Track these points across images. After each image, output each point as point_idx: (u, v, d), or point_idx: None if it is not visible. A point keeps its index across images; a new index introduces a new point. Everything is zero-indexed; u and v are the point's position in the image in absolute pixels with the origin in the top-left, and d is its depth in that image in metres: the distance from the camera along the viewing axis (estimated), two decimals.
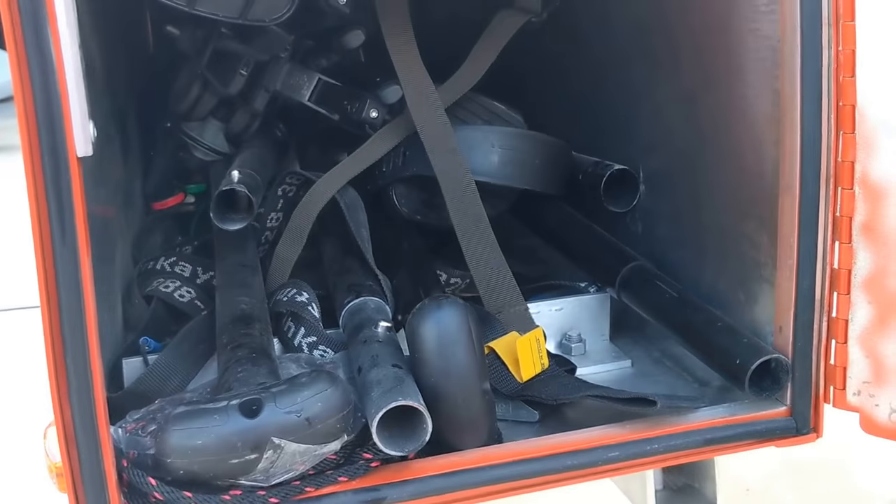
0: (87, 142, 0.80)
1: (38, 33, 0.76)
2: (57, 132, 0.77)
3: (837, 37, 0.92)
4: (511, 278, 1.16)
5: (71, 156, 0.78)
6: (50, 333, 0.81)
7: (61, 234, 0.79)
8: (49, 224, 0.79)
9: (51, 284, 0.80)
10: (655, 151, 1.27)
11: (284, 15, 1.26)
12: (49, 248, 0.79)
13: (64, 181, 0.78)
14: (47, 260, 0.80)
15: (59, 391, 0.83)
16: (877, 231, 0.94)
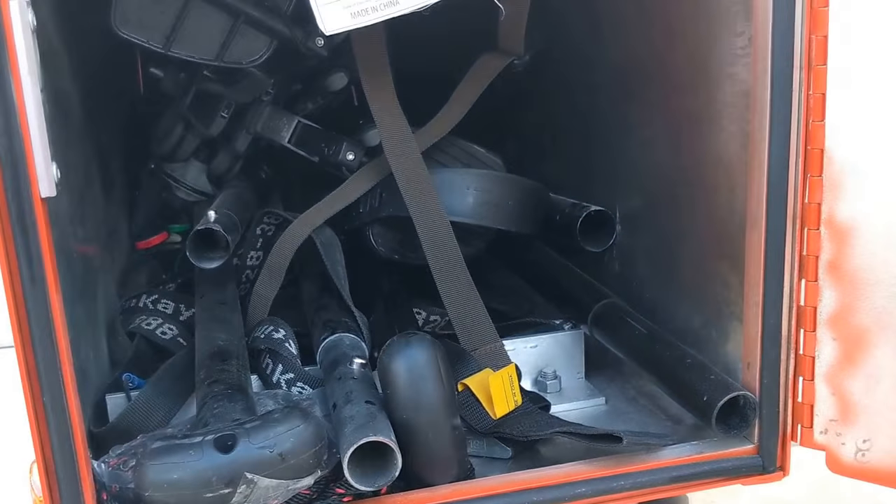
0: (50, 183, 0.82)
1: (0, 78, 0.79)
2: (20, 174, 0.80)
3: (809, 81, 0.95)
4: (486, 316, 1.18)
5: (35, 197, 0.81)
6: (26, 373, 0.83)
7: (30, 275, 0.82)
8: (17, 264, 0.82)
9: (23, 324, 0.82)
10: (632, 191, 1.30)
11: (261, 58, 1.30)
12: (19, 288, 0.82)
13: (29, 221, 0.81)
14: (18, 300, 0.82)
15: (39, 428, 0.86)
16: (842, 270, 0.96)
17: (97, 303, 1.21)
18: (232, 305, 1.27)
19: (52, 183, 0.83)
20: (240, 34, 1.28)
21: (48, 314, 0.84)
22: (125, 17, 1.24)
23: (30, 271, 0.82)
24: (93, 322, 1.16)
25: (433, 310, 1.35)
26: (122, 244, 1.58)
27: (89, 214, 1.23)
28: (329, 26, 1.04)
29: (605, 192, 1.35)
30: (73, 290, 1.02)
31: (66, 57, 1.17)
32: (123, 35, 1.25)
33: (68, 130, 1.14)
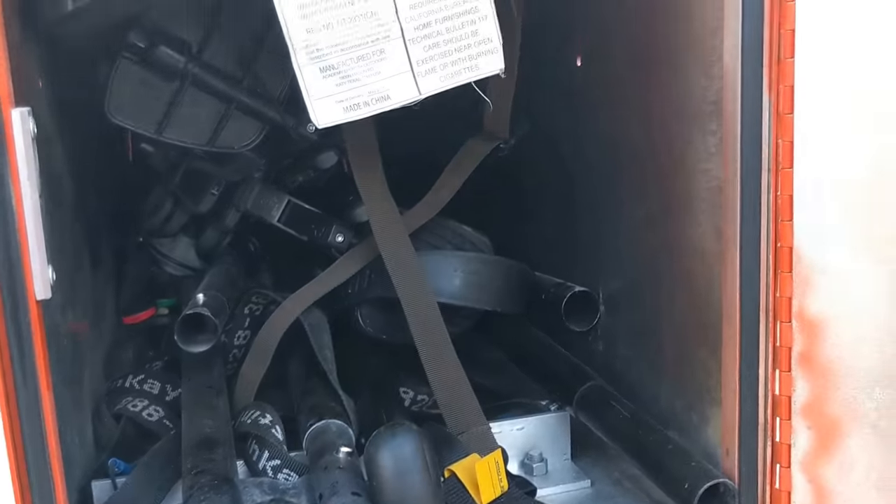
0: (45, 286, 0.87)
1: (1, 186, 0.84)
2: (16, 277, 0.85)
3: (777, 182, 0.99)
4: (473, 399, 1.22)
5: (30, 299, 0.85)
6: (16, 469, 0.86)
7: (22, 373, 0.86)
8: (10, 362, 0.86)
9: (14, 421, 0.86)
10: (615, 274, 1.34)
11: (253, 143, 1.35)
12: (11, 385, 0.86)
13: (23, 322, 0.85)
14: (10, 397, 0.86)
15: None
16: (814, 361, 1.00)
17: (83, 385, 1.24)
18: (218, 388, 1.30)
19: (48, 286, 0.87)
20: (232, 120, 1.33)
21: (39, 411, 0.88)
22: (119, 104, 1.29)
23: (22, 369, 0.86)
24: (79, 406, 1.19)
25: (420, 389, 1.39)
26: (108, 319, 1.61)
27: (79, 296, 1.26)
28: (322, 120, 1.10)
29: (589, 273, 1.40)
30: (60, 375, 1.05)
31: (59, 142, 1.21)
32: (117, 121, 1.30)
33: (61, 215, 1.18)
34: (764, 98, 0.98)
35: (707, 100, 1.06)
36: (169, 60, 1.28)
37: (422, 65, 1.11)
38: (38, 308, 0.86)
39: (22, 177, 0.83)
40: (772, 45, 0.98)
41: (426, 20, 1.10)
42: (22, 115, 0.83)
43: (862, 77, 0.96)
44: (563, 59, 1.44)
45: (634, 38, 1.23)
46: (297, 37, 1.07)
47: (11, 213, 0.83)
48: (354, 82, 1.10)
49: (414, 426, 1.02)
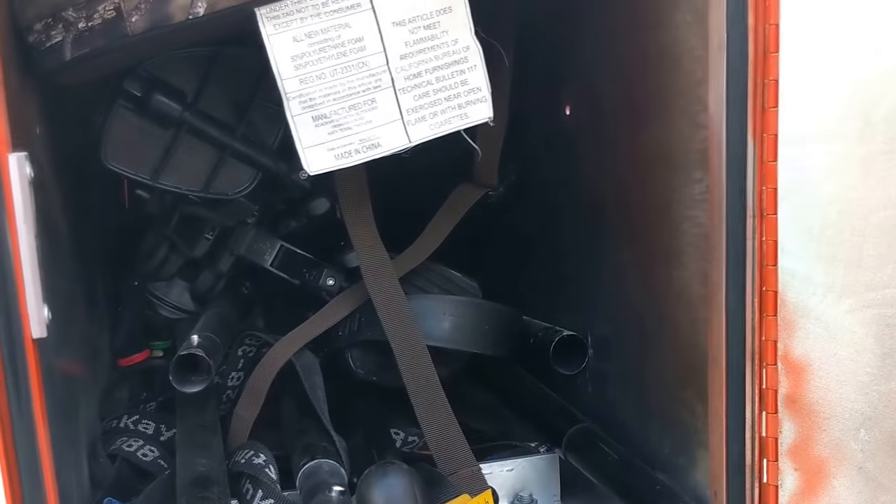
0: (41, 325, 0.87)
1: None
2: (13, 316, 0.85)
3: (761, 228, 1.01)
4: (463, 440, 1.22)
5: (27, 338, 0.86)
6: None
7: (19, 412, 0.86)
8: (7, 401, 0.86)
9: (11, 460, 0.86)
10: (603, 318, 1.35)
11: (246, 189, 1.36)
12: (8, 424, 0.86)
13: (20, 361, 0.86)
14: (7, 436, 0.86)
15: None
16: (799, 403, 1.01)
17: (79, 425, 1.24)
18: (212, 428, 1.30)
19: (44, 325, 0.88)
20: (226, 167, 1.35)
21: (36, 450, 0.88)
22: (115, 150, 1.31)
23: (18, 408, 0.87)
24: (74, 445, 1.19)
25: (411, 430, 1.39)
26: (103, 361, 1.61)
27: (74, 337, 1.26)
28: (313, 167, 1.11)
29: (577, 317, 1.41)
30: (56, 414, 1.05)
31: (56, 187, 1.22)
32: (113, 167, 1.31)
33: (57, 260, 1.18)
34: (748, 146, 1.00)
35: (692, 148, 1.08)
36: (164, 108, 1.30)
37: (412, 113, 1.13)
38: (35, 347, 0.86)
39: (18, 219, 0.84)
40: (756, 95, 1.00)
41: (416, 70, 1.12)
42: (19, 159, 0.84)
43: (844, 127, 0.98)
44: (552, 108, 1.45)
45: (622, 88, 1.25)
46: (291, 87, 1.09)
47: (8, 254, 0.84)
48: (346, 130, 1.11)
49: (405, 465, 1.02)
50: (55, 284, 1.12)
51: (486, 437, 1.40)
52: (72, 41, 1.07)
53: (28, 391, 0.86)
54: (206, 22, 1.05)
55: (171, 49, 1.28)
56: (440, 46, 1.12)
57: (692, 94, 1.07)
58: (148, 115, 1.30)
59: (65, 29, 1.07)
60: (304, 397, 1.33)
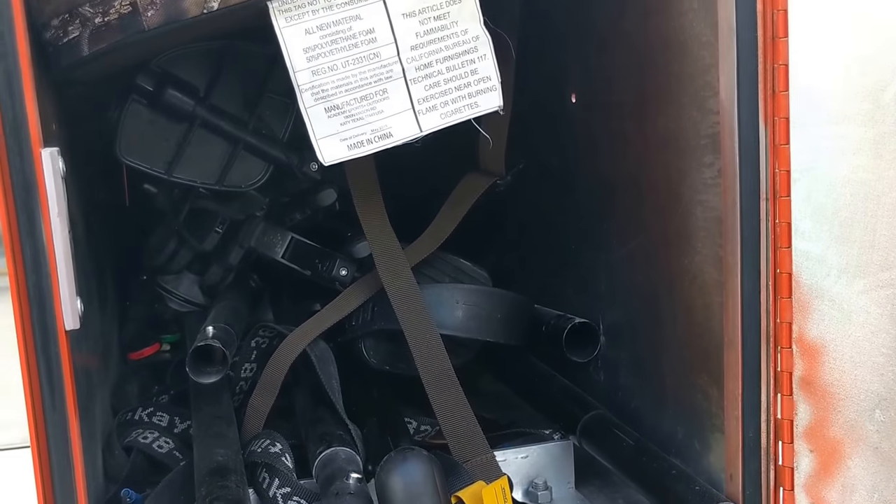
0: (74, 316, 0.88)
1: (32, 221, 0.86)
2: (47, 308, 0.86)
3: (775, 210, 1.02)
4: (477, 427, 1.22)
5: (60, 329, 0.86)
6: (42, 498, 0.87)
7: (52, 403, 0.86)
8: (40, 391, 0.86)
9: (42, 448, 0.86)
10: (615, 305, 1.35)
11: (259, 181, 1.37)
12: (41, 414, 0.86)
13: (53, 352, 0.87)
14: (39, 426, 0.86)
15: None
16: (814, 385, 1.02)
17: (95, 418, 1.24)
18: (228, 419, 1.30)
19: (77, 316, 0.88)
20: (239, 160, 1.35)
21: (67, 439, 0.88)
22: (129, 145, 1.31)
23: (52, 400, 0.87)
24: (91, 437, 1.19)
25: (424, 420, 1.39)
26: (114, 355, 1.62)
27: (90, 330, 1.26)
28: (327, 157, 1.11)
29: (589, 304, 1.41)
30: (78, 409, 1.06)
31: (73, 183, 1.22)
32: (127, 162, 1.31)
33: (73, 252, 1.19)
34: (760, 130, 1.00)
35: (702, 133, 1.08)
36: (177, 103, 1.30)
37: (423, 103, 1.13)
38: (67, 338, 0.87)
39: (52, 213, 0.85)
40: (766, 79, 1.00)
41: (427, 60, 1.12)
42: (52, 154, 0.85)
43: (854, 108, 0.98)
44: (558, 96, 1.45)
45: (630, 75, 1.25)
46: (303, 78, 1.09)
47: (42, 248, 0.85)
48: (358, 121, 1.12)
49: (424, 451, 1.02)
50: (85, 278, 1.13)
51: (499, 425, 1.40)
52: (89, 36, 1.07)
53: (61, 382, 0.86)
54: (220, 16, 1.06)
55: (185, 43, 1.28)
56: (450, 37, 1.13)
57: (701, 80, 1.07)
58: (161, 109, 1.30)
59: (81, 24, 1.07)
60: (318, 387, 1.33)
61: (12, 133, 0.83)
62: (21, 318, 0.85)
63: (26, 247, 0.84)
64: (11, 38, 0.83)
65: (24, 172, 0.83)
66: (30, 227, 0.84)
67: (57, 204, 0.85)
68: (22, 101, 0.83)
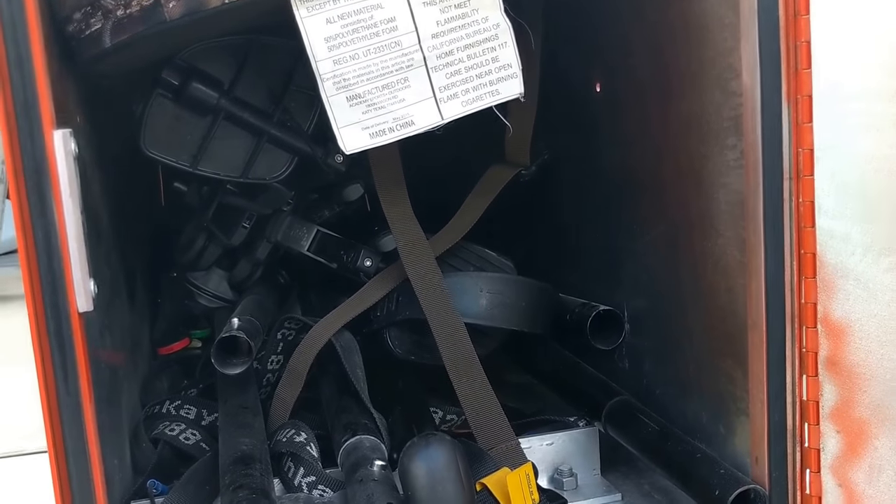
0: (87, 298, 0.87)
1: (43, 201, 0.85)
2: (59, 290, 0.85)
3: (798, 190, 1.00)
4: (502, 415, 1.21)
5: (73, 311, 0.86)
6: (58, 481, 0.86)
7: (66, 387, 0.86)
8: (54, 376, 0.86)
9: (57, 435, 0.86)
10: (639, 292, 1.34)
11: (283, 174, 1.36)
12: (54, 399, 0.86)
13: (66, 335, 0.86)
14: (53, 411, 0.86)
15: None
16: (840, 365, 0.99)
17: (121, 410, 1.24)
18: (254, 409, 1.29)
19: (90, 298, 0.87)
20: (263, 152, 1.34)
21: (82, 425, 0.88)
22: (154, 138, 1.31)
23: (65, 383, 0.87)
24: (117, 429, 1.19)
25: (449, 409, 1.38)
26: (144, 350, 1.62)
27: (116, 324, 1.27)
28: (349, 146, 1.11)
29: (613, 292, 1.39)
30: (99, 398, 1.05)
31: (97, 176, 1.22)
32: (152, 155, 1.31)
33: (98, 245, 1.19)
34: (783, 109, 0.98)
35: (724, 115, 1.06)
36: (202, 96, 1.30)
37: (444, 91, 1.12)
38: (81, 320, 0.86)
39: (64, 194, 0.84)
40: (788, 58, 0.98)
41: (448, 48, 1.11)
42: (64, 135, 0.84)
43: (878, 84, 0.96)
44: (584, 85, 1.44)
45: (651, 61, 1.24)
46: (325, 68, 1.09)
47: (54, 228, 0.84)
48: (380, 110, 1.11)
49: (447, 437, 1.01)
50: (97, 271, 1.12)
51: (525, 414, 1.39)
52: (111, 28, 1.07)
53: (74, 365, 0.86)
54: (241, 7, 1.05)
55: (208, 36, 1.28)
56: (471, 24, 1.12)
57: (724, 62, 1.05)
58: (186, 103, 1.30)
59: (103, 16, 1.07)
60: (343, 377, 1.32)
61: (24, 114, 0.82)
62: (33, 300, 0.84)
63: (38, 228, 0.84)
64: (22, 20, 0.82)
65: (35, 153, 0.83)
66: (41, 208, 0.84)
67: (69, 185, 0.84)
68: (33, 81, 0.82)
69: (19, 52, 0.82)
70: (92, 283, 0.89)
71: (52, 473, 0.87)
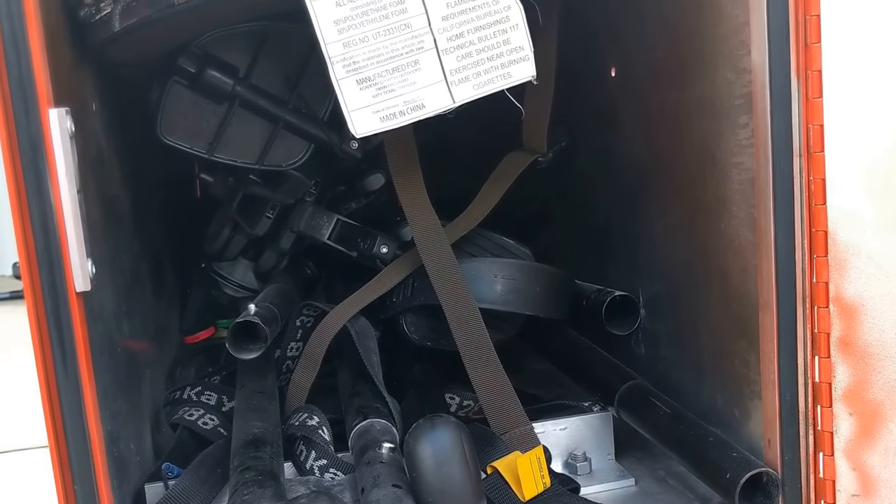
0: (85, 278, 0.85)
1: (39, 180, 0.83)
2: (56, 269, 0.84)
3: (808, 167, 0.95)
4: (515, 399, 1.17)
5: (70, 291, 0.84)
6: (58, 462, 0.85)
7: (63, 368, 0.84)
8: (52, 357, 0.84)
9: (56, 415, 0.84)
10: (654, 277, 1.30)
11: (299, 161, 1.34)
12: (53, 380, 0.84)
13: (63, 315, 0.84)
14: (52, 392, 0.84)
15: None
16: (853, 346, 0.95)
17: (142, 395, 1.23)
18: (270, 394, 1.28)
19: (88, 278, 0.86)
20: (279, 139, 1.32)
21: (81, 405, 0.86)
22: (171, 125, 1.29)
23: (63, 362, 0.85)
24: (136, 414, 1.18)
25: (466, 395, 1.35)
26: (171, 339, 1.61)
27: (136, 310, 1.26)
28: (359, 129, 1.08)
29: (628, 277, 1.36)
30: (115, 383, 1.04)
31: (115, 165, 1.21)
32: (168, 142, 1.29)
33: (116, 232, 1.18)
34: (793, 85, 0.94)
35: (736, 94, 1.02)
36: (218, 83, 1.28)
37: (455, 74, 1.09)
38: (79, 300, 0.84)
39: (60, 173, 0.82)
40: (798, 32, 0.94)
41: (459, 31, 1.08)
42: (59, 114, 0.82)
43: (890, 57, 0.91)
44: (599, 70, 1.41)
45: (665, 44, 1.20)
46: (335, 51, 1.07)
47: (50, 208, 0.83)
48: (390, 93, 1.08)
49: (453, 419, 0.98)
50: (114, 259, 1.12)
51: (540, 399, 1.36)
52: (120, 12, 1.06)
53: (72, 344, 0.84)
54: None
55: (220, 24, 1.26)
56: (481, 7, 1.09)
57: (735, 39, 1.01)
58: (202, 90, 1.28)
59: (113, 1, 1.06)
60: (358, 363, 1.30)
61: (19, 91, 0.80)
62: (30, 280, 0.82)
63: (34, 207, 0.82)
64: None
65: (30, 131, 0.81)
66: (37, 187, 0.82)
67: (64, 164, 0.82)
68: (28, 58, 0.80)
69: (13, 28, 0.80)
70: (90, 263, 0.87)
71: (52, 455, 0.86)
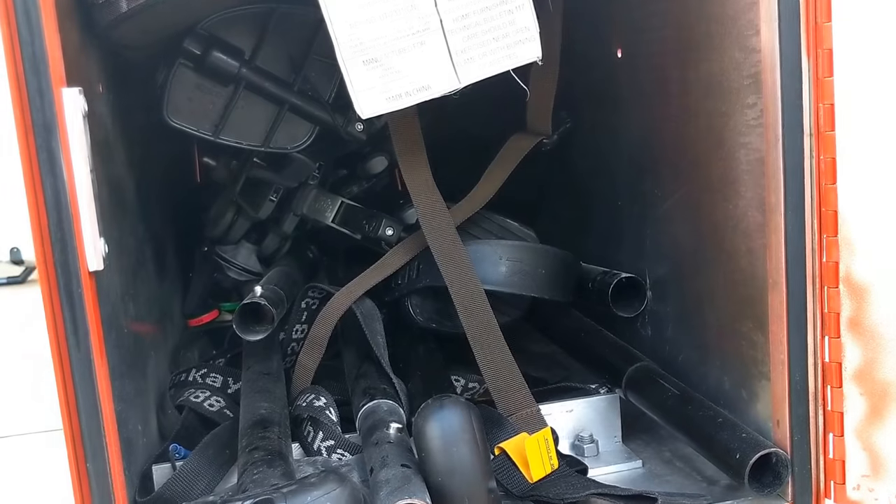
0: (98, 257, 0.84)
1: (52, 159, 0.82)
2: (69, 248, 0.82)
3: (819, 146, 0.94)
4: (522, 381, 1.17)
5: (83, 270, 0.83)
6: (71, 439, 0.84)
7: (76, 343, 0.83)
8: (65, 334, 0.83)
9: (69, 391, 0.84)
10: (661, 259, 1.29)
11: (304, 143, 1.33)
12: (66, 357, 0.83)
13: (76, 293, 0.83)
14: (65, 368, 0.83)
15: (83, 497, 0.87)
16: (863, 326, 0.94)
17: (147, 377, 1.22)
18: (276, 376, 1.27)
19: (100, 257, 0.85)
20: (284, 121, 1.31)
21: (93, 381, 0.85)
22: (176, 108, 1.28)
23: (76, 340, 0.84)
24: (142, 396, 1.17)
25: (472, 377, 1.34)
26: (174, 322, 1.60)
27: (141, 293, 1.25)
28: (366, 110, 1.07)
29: (634, 259, 1.35)
30: (122, 364, 1.03)
31: (121, 148, 1.20)
32: (175, 124, 1.28)
33: (122, 214, 1.17)
34: (803, 64, 0.93)
35: (744, 74, 1.01)
36: (223, 65, 1.27)
37: (461, 55, 1.08)
38: (92, 279, 0.83)
39: (73, 151, 0.81)
40: (808, 12, 0.93)
41: (464, 11, 1.07)
42: (73, 93, 0.81)
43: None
44: (605, 51, 1.39)
45: (672, 24, 1.18)
46: (342, 31, 1.05)
47: (63, 187, 0.81)
48: (396, 73, 1.07)
49: (462, 399, 0.97)
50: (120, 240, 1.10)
51: (547, 382, 1.35)
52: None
53: (85, 322, 0.83)
54: None
55: (226, 6, 1.25)
56: None
57: (743, 19, 1.00)
58: (207, 72, 1.27)
59: None
60: (364, 345, 1.29)
61: (32, 70, 0.79)
62: (44, 259, 0.81)
63: (47, 186, 0.81)
64: None
65: (44, 110, 0.80)
66: (50, 166, 0.81)
67: (78, 143, 0.81)
68: (41, 37, 0.79)
69: (27, 7, 0.79)
70: (102, 242, 0.86)
71: (66, 433, 0.85)
